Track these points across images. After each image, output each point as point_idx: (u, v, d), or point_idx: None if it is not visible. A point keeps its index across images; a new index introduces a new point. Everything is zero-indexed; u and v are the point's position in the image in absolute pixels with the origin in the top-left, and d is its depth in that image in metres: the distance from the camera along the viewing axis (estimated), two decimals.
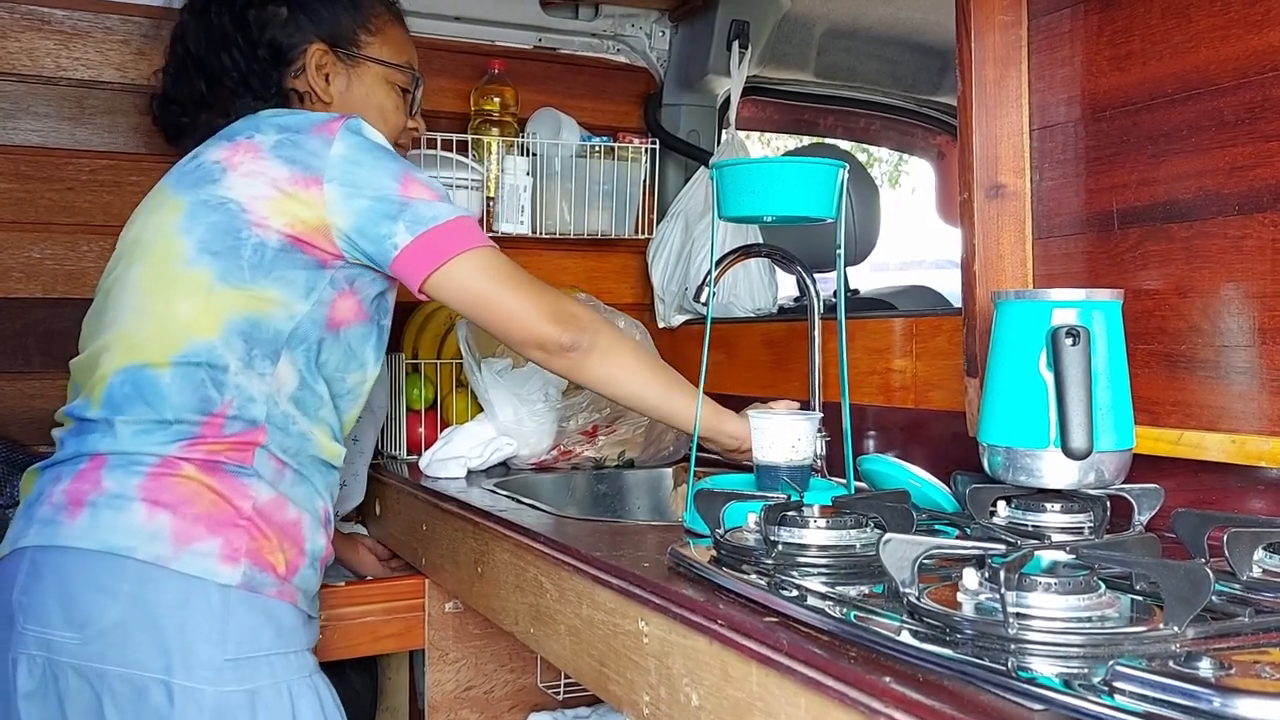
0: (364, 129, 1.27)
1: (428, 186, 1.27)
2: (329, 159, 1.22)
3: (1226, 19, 1.08)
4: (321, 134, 1.24)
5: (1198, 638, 0.72)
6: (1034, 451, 1.07)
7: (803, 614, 0.85)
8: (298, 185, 1.22)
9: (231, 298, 1.20)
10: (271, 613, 1.18)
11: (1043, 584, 0.76)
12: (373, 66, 1.43)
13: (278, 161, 1.23)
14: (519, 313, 1.25)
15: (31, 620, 1.14)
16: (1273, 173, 1.05)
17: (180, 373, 1.19)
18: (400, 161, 1.27)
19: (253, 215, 1.21)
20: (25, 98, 1.88)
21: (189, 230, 1.22)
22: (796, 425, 1.27)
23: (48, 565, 1.15)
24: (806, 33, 2.38)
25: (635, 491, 1.84)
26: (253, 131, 1.27)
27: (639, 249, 2.28)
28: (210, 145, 1.30)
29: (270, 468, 1.22)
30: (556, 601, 1.21)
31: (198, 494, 1.16)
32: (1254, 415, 1.07)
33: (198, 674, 1.12)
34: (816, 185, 1.24)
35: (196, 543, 1.14)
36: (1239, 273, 1.08)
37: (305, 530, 1.25)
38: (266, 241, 1.21)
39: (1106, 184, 1.22)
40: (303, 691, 1.19)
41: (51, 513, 1.17)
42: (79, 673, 1.12)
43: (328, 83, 1.40)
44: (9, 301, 1.87)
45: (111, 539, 1.13)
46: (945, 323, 1.51)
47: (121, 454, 1.17)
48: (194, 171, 1.26)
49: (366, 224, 1.22)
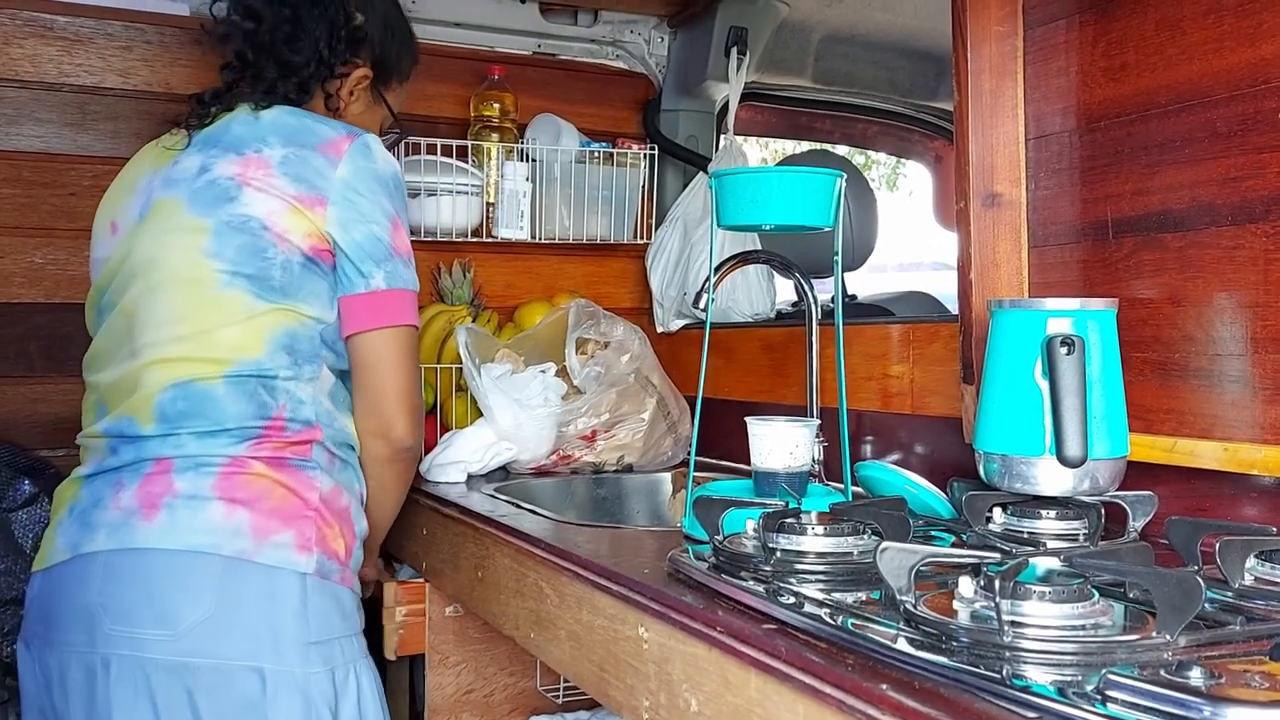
0: (373, 152, 1.33)
1: (406, 237, 1.35)
2: (334, 181, 1.28)
3: (1219, 32, 1.10)
4: (328, 154, 1.29)
5: (1189, 646, 0.73)
6: (1029, 459, 1.09)
7: (801, 621, 0.86)
8: (303, 204, 1.27)
9: (270, 316, 1.26)
10: (338, 597, 1.26)
11: (1037, 592, 0.77)
12: (383, 108, 1.53)
13: (286, 179, 1.27)
14: (399, 396, 1.34)
15: (120, 621, 1.18)
16: (1265, 184, 1.06)
17: (233, 384, 1.24)
18: (394, 200, 1.33)
19: (274, 231, 1.25)
20: (28, 104, 1.89)
21: (218, 254, 1.25)
22: (794, 432, 1.28)
23: (127, 568, 1.19)
24: (804, 39, 2.39)
25: (635, 496, 1.85)
26: (259, 144, 1.29)
27: (638, 254, 2.29)
28: (214, 155, 1.31)
29: (325, 458, 1.29)
30: (557, 607, 1.22)
31: (270, 489, 1.22)
32: (1247, 424, 1.08)
33: (287, 658, 1.18)
34: (814, 194, 1.25)
35: (274, 535, 1.20)
36: (1232, 282, 1.10)
37: (354, 513, 1.33)
38: (292, 258, 1.26)
39: (1101, 193, 1.23)
40: (364, 670, 1.28)
41: (123, 517, 1.20)
42: (170, 669, 1.16)
43: (351, 100, 1.47)
44: (12, 306, 1.88)
45: (193, 538, 1.18)
46: (942, 329, 1.52)
47: (188, 457, 1.22)
48: (208, 189, 1.28)
49: (354, 254, 1.29)
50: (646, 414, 1.84)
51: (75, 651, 1.20)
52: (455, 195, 2.01)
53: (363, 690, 1.25)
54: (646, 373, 1.86)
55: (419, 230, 2.01)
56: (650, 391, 1.86)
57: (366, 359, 1.32)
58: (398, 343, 1.32)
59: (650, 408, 1.85)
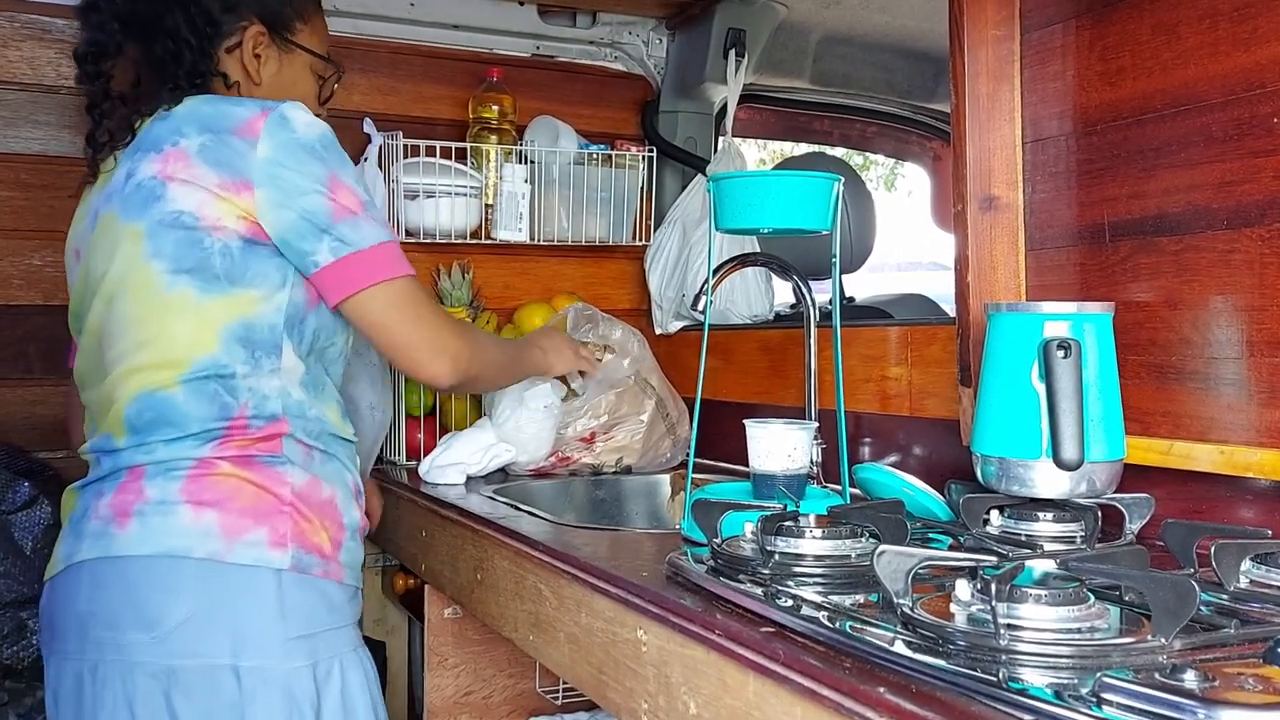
0: (290, 121, 1.24)
1: (354, 193, 1.26)
2: (255, 162, 1.21)
3: (1215, 36, 1.10)
4: (245, 135, 1.22)
5: (1184, 649, 0.74)
6: (1027, 462, 1.09)
7: (799, 624, 0.86)
8: (229, 190, 1.21)
9: (219, 307, 1.23)
10: (322, 591, 1.24)
11: (1033, 595, 0.78)
12: (302, 54, 1.42)
13: (206, 167, 1.22)
14: (413, 349, 1.30)
15: (104, 626, 1.19)
16: (1260, 188, 1.07)
17: (191, 388, 1.22)
18: (326, 162, 1.25)
19: (206, 221, 1.21)
20: (26, 106, 1.89)
21: (157, 254, 1.22)
22: (792, 434, 1.29)
23: (109, 575, 1.19)
24: (803, 40, 2.39)
25: (633, 498, 1.85)
26: (176, 136, 1.24)
27: (636, 255, 2.29)
28: (137, 158, 1.27)
29: (299, 452, 1.26)
30: (555, 609, 1.23)
31: (238, 489, 1.21)
32: (1243, 426, 1.09)
33: (264, 655, 1.18)
34: (812, 198, 1.26)
35: (246, 534, 1.19)
36: (1228, 286, 1.10)
37: (340, 505, 1.29)
38: (230, 243, 1.22)
39: (1098, 197, 1.24)
40: (351, 664, 1.25)
41: (101, 526, 1.21)
42: (149, 672, 1.16)
43: (260, 64, 1.38)
44: (10, 308, 1.88)
45: (166, 542, 1.18)
46: (940, 331, 1.52)
47: (158, 463, 1.21)
48: (135, 193, 1.24)
49: (292, 237, 1.23)
50: (645, 416, 1.84)
51: (68, 660, 1.22)
52: (454, 197, 2.01)
53: (348, 683, 1.24)
54: (645, 375, 1.87)
55: (418, 232, 2.01)
56: (649, 394, 1.86)
57: (361, 326, 1.29)
58: (378, 303, 1.26)
59: (649, 409, 1.85)
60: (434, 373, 1.31)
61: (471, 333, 1.43)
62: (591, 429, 1.82)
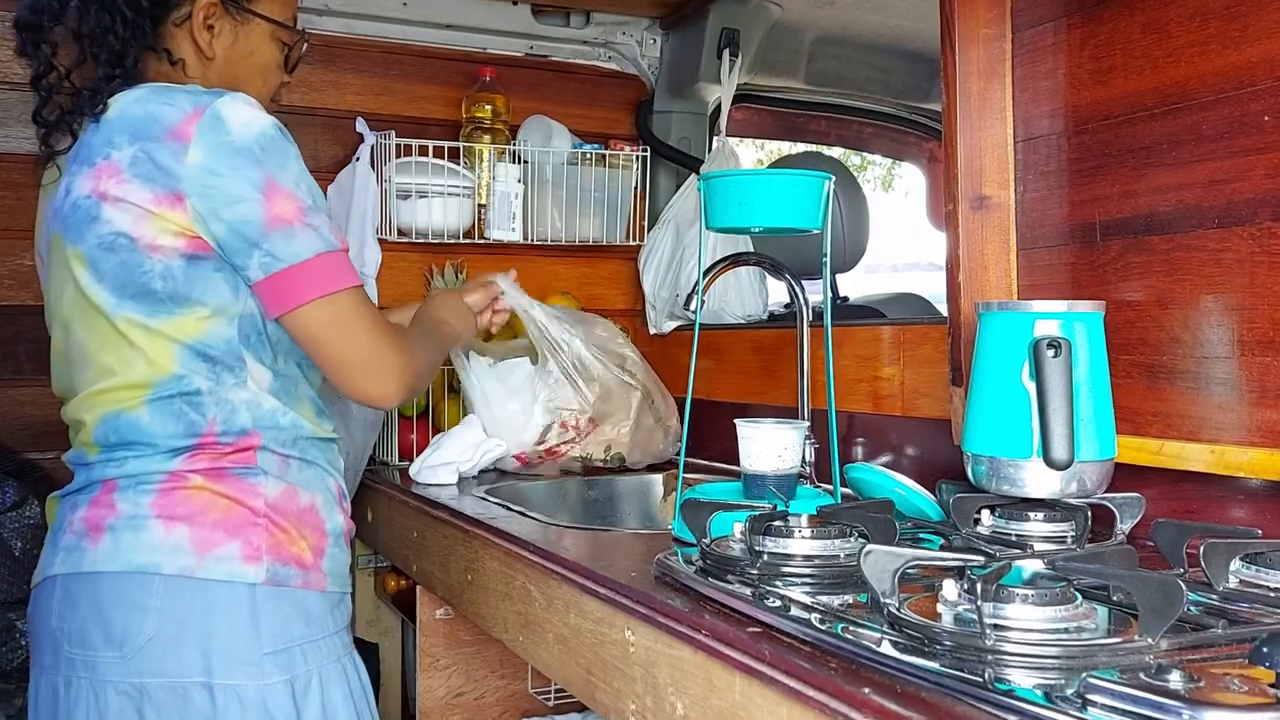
0: (225, 121, 1.16)
1: (293, 197, 1.18)
2: (186, 170, 1.15)
3: (1205, 35, 1.10)
4: (176, 141, 1.15)
5: (1171, 649, 0.73)
6: (1017, 461, 1.09)
7: (786, 624, 0.86)
8: (163, 205, 1.15)
9: (169, 330, 1.19)
10: (299, 603, 1.21)
11: (1020, 595, 0.77)
12: (261, 23, 1.33)
13: (138, 183, 1.16)
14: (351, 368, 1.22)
15: (75, 644, 1.17)
16: (1250, 187, 1.06)
17: (157, 407, 1.19)
18: (263, 165, 1.16)
19: (143, 243, 1.16)
20: (17, 105, 1.88)
21: (100, 280, 1.18)
22: (783, 434, 1.28)
23: (81, 591, 1.18)
24: (797, 40, 2.39)
25: (626, 498, 1.85)
26: (108, 148, 1.17)
27: (630, 255, 2.29)
28: (74, 172, 1.21)
29: (274, 462, 1.23)
30: (545, 610, 1.22)
31: (210, 502, 1.19)
32: (1233, 426, 1.08)
33: (237, 671, 1.15)
34: (803, 197, 1.25)
35: (217, 548, 1.17)
36: (1218, 285, 1.10)
37: (321, 511, 1.26)
38: (171, 264, 1.17)
39: (1089, 196, 1.24)
40: (332, 677, 1.22)
41: (75, 540, 1.20)
42: (120, 690, 1.14)
43: (212, 37, 1.29)
44: (0, 309, 1.88)
45: (136, 558, 1.16)
46: (932, 331, 1.52)
47: (129, 476, 1.19)
48: (73, 213, 1.19)
49: (227, 251, 1.17)
50: (632, 409, 1.84)
51: (44, 673, 1.21)
52: (447, 197, 2.00)
53: (329, 697, 1.21)
54: (630, 368, 1.86)
55: (410, 232, 2.01)
56: (634, 384, 1.85)
57: (299, 342, 1.23)
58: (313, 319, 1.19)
59: (635, 401, 1.84)
60: (377, 394, 1.24)
61: (407, 340, 1.31)
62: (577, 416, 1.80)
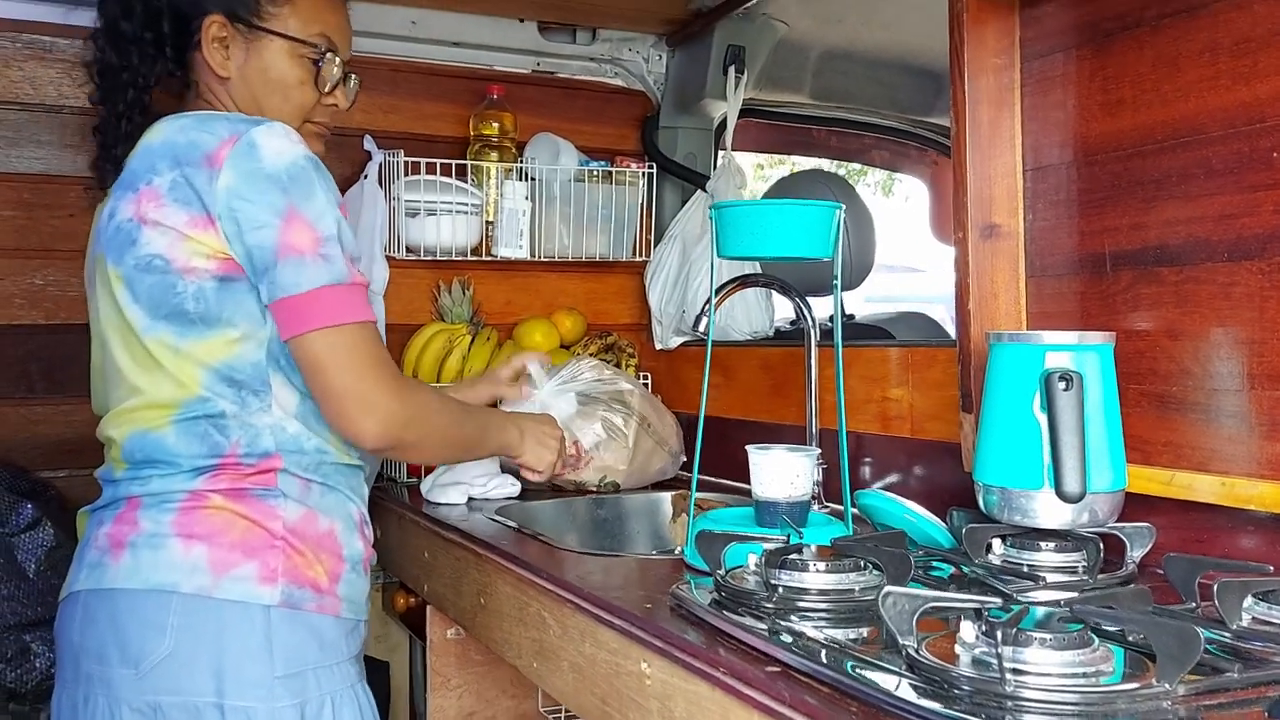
0: (258, 149, 1.19)
1: (312, 229, 1.19)
2: (217, 194, 1.18)
3: (1215, 70, 1.11)
4: (210, 166, 1.18)
5: (1188, 694, 0.74)
6: (1029, 492, 1.10)
7: (804, 664, 0.87)
8: (197, 228, 1.19)
9: (198, 351, 1.21)
10: (314, 627, 1.22)
11: (1038, 639, 0.78)
12: (274, 39, 1.33)
13: (175, 207, 1.19)
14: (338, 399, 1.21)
15: (93, 660, 1.20)
16: (1260, 222, 1.07)
17: (182, 428, 1.22)
18: (288, 193, 1.18)
19: (178, 264, 1.19)
20: (28, 126, 1.89)
21: (135, 300, 1.22)
22: (795, 461, 1.29)
23: (101, 608, 1.20)
24: (802, 57, 2.40)
25: (635, 517, 1.86)
26: (150, 174, 1.21)
27: (637, 271, 2.30)
28: (118, 197, 1.25)
29: (295, 486, 1.24)
30: (559, 638, 1.23)
31: (230, 523, 1.20)
32: (1243, 458, 1.09)
33: (249, 693, 1.17)
34: (814, 226, 1.26)
35: (234, 569, 1.19)
36: (1228, 318, 1.11)
37: (340, 538, 1.28)
38: (204, 285, 1.19)
39: (1099, 226, 1.25)
40: (344, 702, 1.24)
41: (98, 556, 1.22)
42: (135, 708, 1.16)
43: (226, 55, 1.31)
44: (11, 328, 1.88)
45: (154, 576, 1.18)
46: (940, 354, 1.53)
47: (153, 495, 1.22)
48: (116, 235, 1.23)
49: (248, 268, 1.20)
50: (629, 439, 1.84)
51: (65, 687, 1.24)
52: (454, 214, 2.01)
53: None
54: (626, 399, 1.87)
55: (419, 249, 2.02)
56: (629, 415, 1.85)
57: (300, 369, 1.23)
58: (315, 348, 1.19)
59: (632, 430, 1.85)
60: (358, 430, 1.22)
61: (418, 397, 1.29)
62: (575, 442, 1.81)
